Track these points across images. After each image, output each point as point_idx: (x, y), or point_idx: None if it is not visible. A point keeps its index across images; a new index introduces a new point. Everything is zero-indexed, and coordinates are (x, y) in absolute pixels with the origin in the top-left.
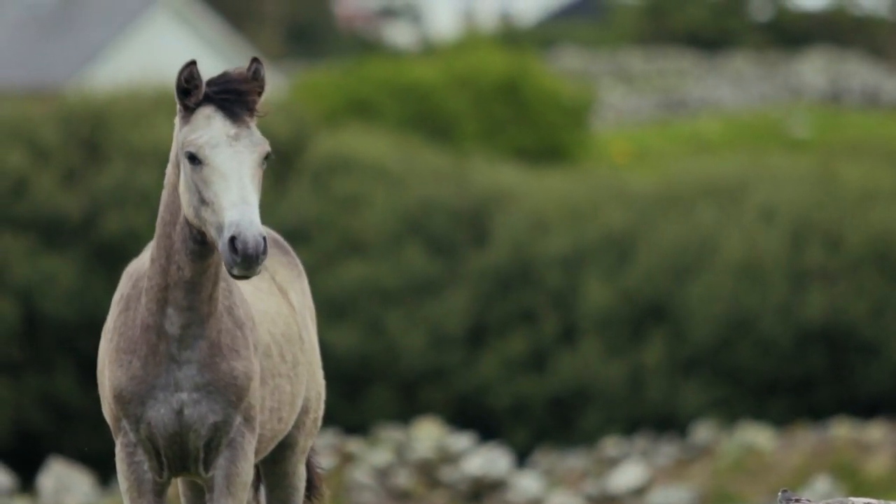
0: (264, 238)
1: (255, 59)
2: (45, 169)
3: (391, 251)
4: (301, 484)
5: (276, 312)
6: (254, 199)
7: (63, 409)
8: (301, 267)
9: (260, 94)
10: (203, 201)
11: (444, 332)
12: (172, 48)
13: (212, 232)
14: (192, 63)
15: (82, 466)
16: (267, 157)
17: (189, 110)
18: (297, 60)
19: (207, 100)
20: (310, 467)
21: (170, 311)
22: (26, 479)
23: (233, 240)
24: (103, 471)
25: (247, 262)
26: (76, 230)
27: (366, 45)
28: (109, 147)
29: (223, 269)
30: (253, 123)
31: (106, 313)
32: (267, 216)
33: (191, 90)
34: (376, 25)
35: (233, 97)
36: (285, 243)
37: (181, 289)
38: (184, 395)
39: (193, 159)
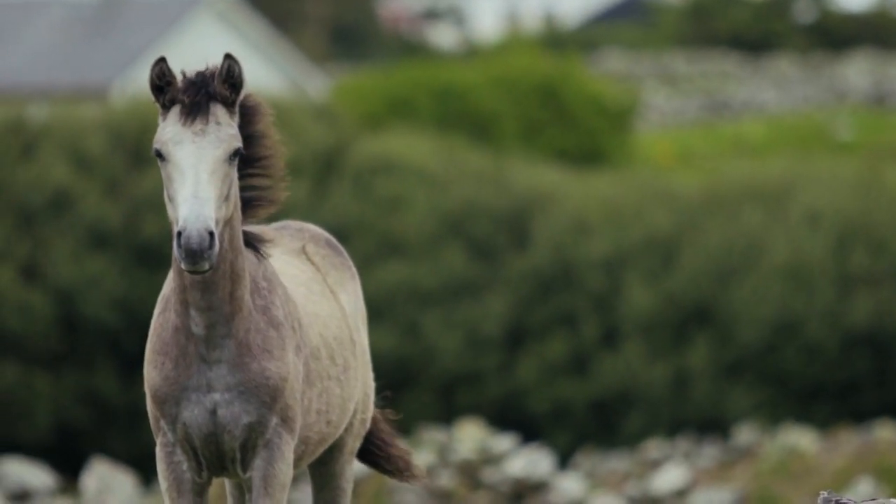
0: (211, 233)
1: (227, 56)
2: (90, 180)
3: (430, 253)
4: (348, 485)
5: (328, 315)
6: (207, 193)
7: (104, 407)
8: (354, 269)
9: (234, 90)
10: (169, 197)
11: (481, 334)
12: (216, 50)
13: (174, 227)
14: (162, 60)
15: (125, 467)
16: (236, 153)
17: (165, 108)
18: (341, 62)
19: (181, 97)
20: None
21: (192, 312)
22: (68, 477)
23: (179, 235)
24: (146, 472)
25: (190, 257)
26: (118, 235)
27: (409, 47)
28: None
29: (250, 265)
30: (226, 120)
31: (147, 312)
32: (307, 218)
33: (163, 87)
34: (420, 27)
35: (202, 94)
36: (338, 245)
37: (197, 289)
38: (217, 396)
39: (160, 156)
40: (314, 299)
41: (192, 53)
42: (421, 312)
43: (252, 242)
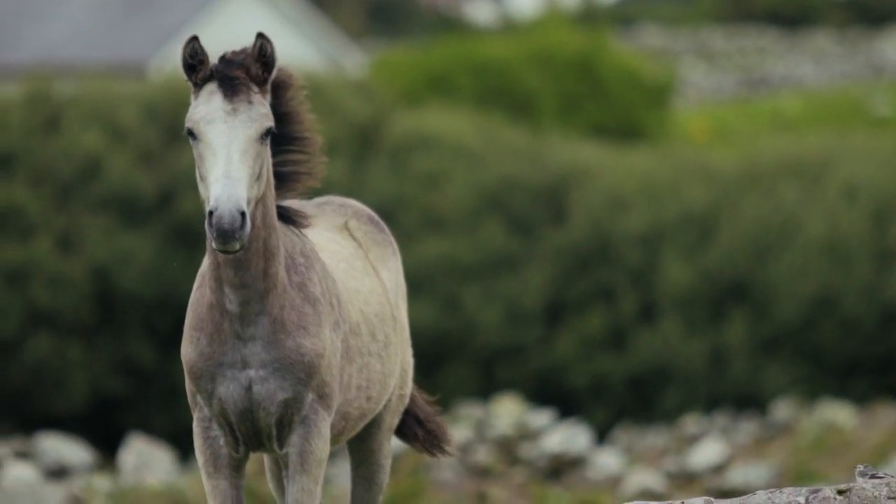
0: (242, 214)
1: (259, 35)
2: (122, 149)
3: (470, 227)
4: (386, 461)
5: (369, 291)
6: (239, 173)
7: (140, 380)
8: (395, 246)
9: (266, 69)
10: (201, 177)
11: (521, 308)
12: (253, 27)
13: (206, 206)
14: (195, 38)
15: (163, 443)
16: (268, 133)
17: (198, 87)
18: (379, 38)
19: (213, 76)
20: (429, 417)
21: (226, 289)
22: (105, 451)
23: (210, 214)
24: (183, 448)
25: (222, 236)
26: (151, 210)
27: (447, 23)
28: None
29: (287, 242)
30: (258, 99)
31: (182, 290)
32: (346, 194)
33: (196, 66)
34: (457, 3)
35: (234, 73)
36: (380, 221)
37: (230, 266)
38: (252, 372)
39: (192, 135)
40: (355, 275)
41: (230, 30)
42: (460, 286)
43: (290, 218)
